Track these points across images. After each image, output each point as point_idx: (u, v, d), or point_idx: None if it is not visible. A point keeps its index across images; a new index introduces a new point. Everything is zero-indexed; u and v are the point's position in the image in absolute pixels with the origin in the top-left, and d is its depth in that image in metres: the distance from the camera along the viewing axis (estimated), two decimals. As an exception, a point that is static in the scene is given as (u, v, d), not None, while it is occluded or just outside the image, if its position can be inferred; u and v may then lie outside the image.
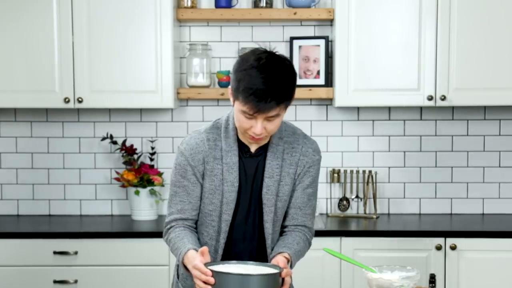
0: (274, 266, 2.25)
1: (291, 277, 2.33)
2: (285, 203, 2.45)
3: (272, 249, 2.45)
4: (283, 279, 2.23)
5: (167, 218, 2.48)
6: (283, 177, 2.43)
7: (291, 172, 2.44)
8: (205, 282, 2.16)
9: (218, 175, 2.39)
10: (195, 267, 2.20)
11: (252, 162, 2.42)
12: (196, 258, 2.23)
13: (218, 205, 2.41)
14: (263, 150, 2.43)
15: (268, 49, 2.33)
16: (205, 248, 2.24)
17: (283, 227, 2.51)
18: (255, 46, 4.21)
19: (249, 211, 2.42)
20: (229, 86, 2.36)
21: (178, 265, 2.53)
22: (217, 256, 2.44)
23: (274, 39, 4.16)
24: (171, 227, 2.45)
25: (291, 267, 2.37)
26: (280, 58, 2.30)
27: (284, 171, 2.43)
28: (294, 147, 2.45)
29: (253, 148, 2.43)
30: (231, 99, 2.35)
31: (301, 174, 2.45)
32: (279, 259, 2.30)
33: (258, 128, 2.27)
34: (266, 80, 2.21)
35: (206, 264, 2.20)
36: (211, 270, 2.15)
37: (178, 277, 2.55)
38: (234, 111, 2.37)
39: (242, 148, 2.42)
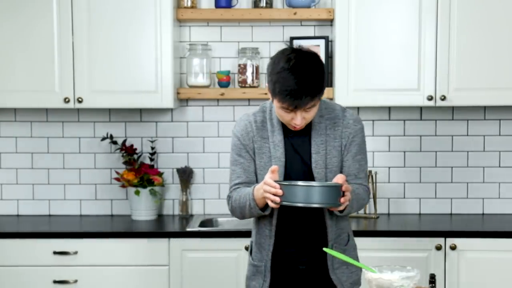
0: (335, 183, 2.50)
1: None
2: (336, 174, 2.64)
3: (330, 224, 2.68)
4: (343, 192, 2.49)
5: (228, 192, 2.74)
6: (330, 150, 2.66)
7: (336, 145, 2.67)
8: (274, 195, 2.44)
9: (266, 152, 2.67)
10: (265, 183, 2.48)
11: (297, 140, 2.67)
12: (266, 176, 2.49)
13: None
14: (307, 127, 2.65)
15: (295, 47, 2.59)
16: (275, 167, 2.49)
17: None
18: (255, 46, 4.26)
19: None
20: (266, 83, 2.62)
21: (251, 244, 2.81)
22: (272, 228, 2.67)
23: (274, 39, 4.16)
24: (231, 193, 2.71)
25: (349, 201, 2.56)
26: (307, 54, 2.53)
27: (330, 145, 2.66)
28: (336, 122, 2.69)
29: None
30: (270, 95, 2.60)
31: (347, 145, 2.68)
32: (339, 176, 2.52)
33: (298, 120, 2.54)
34: (298, 80, 2.47)
35: (275, 181, 2.46)
36: (279, 184, 2.44)
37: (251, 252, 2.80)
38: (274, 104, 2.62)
39: (287, 128, 2.66)
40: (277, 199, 2.44)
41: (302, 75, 2.47)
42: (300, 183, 2.48)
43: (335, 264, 2.70)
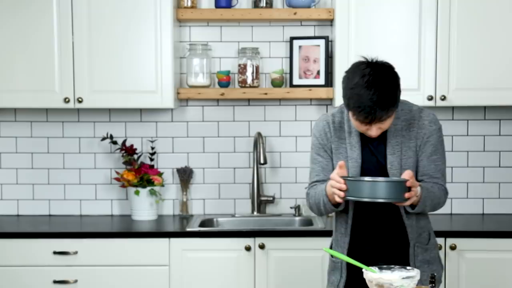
0: (400, 179, 2.55)
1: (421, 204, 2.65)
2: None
3: (409, 223, 2.72)
4: (409, 188, 2.51)
5: (307, 190, 2.83)
6: (405, 151, 2.69)
7: (412, 145, 2.70)
8: (339, 190, 2.52)
9: (343, 153, 2.73)
10: (331, 178, 2.56)
11: (374, 141, 2.71)
12: (334, 171, 2.57)
13: None
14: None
15: (369, 60, 2.61)
16: (342, 162, 2.56)
17: None
18: (255, 46, 4.26)
19: None
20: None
21: (332, 240, 2.90)
22: (347, 226, 2.75)
23: (274, 39, 4.16)
24: (309, 191, 2.80)
25: (421, 199, 2.61)
26: (382, 68, 2.57)
27: (405, 146, 2.69)
28: (411, 123, 2.72)
29: None
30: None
31: (421, 145, 2.71)
32: (406, 172, 2.54)
33: (373, 132, 2.59)
34: (372, 96, 2.49)
35: (342, 177, 2.53)
36: (344, 179, 2.52)
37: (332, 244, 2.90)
38: None
39: None
40: (341, 193, 2.51)
41: (376, 91, 2.49)
42: (365, 178, 2.53)
43: (417, 263, 2.74)
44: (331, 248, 2.90)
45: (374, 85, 2.50)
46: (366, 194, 2.48)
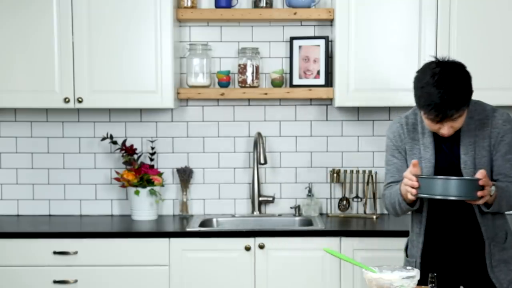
0: (472, 178, 2.57)
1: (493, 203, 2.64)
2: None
3: (483, 222, 2.72)
4: (483, 187, 2.52)
5: (383, 191, 2.90)
6: (478, 151, 2.70)
7: (485, 145, 2.71)
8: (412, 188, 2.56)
9: (416, 153, 2.77)
10: (404, 176, 2.62)
11: (447, 141, 2.73)
12: (407, 170, 2.62)
13: None
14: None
15: (440, 59, 2.64)
16: (415, 161, 2.60)
17: None
18: (255, 46, 4.26)
19: None
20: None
21: (407, 240, 2.96)
22: (421, 226, 2.79)
23: (274, 39, 4.16)
24: (385, 192, 2.86)
25: (496, 198, 2.62)
26: (452, 67, 2.60)
27: (479, 145, 2.71)
28: (485, 122, 2.73)
29: None
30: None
31: (495, 144, 2.71)
32: (480, 171, 2.55)
33: (445, 130, 2.61)
34: (442, 94, 2.52)
35: (414, 175, 2.57)
36: (416, 176, 2.56)
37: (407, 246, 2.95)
38: None
39: None
40: (413, 191, 2.56)
41: (446, 89, 2.52)
42: (438, 176, 2.58)
43: (494, 262, 2.74)
44: (406, 248, 2.93)
45: (443, 83, 2.53)
46: (438, 191, 2.52)
